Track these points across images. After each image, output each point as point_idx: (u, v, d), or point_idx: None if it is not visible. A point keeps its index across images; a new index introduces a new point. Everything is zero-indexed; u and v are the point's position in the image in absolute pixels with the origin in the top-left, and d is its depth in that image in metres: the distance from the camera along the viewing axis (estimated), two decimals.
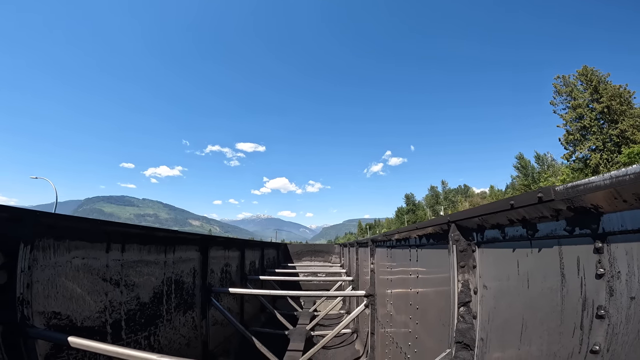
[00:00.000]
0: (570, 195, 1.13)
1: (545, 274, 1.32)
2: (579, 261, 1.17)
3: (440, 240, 2.33)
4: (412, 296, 3.00)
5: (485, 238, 1.78)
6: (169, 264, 4.04)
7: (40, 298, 2.34)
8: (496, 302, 1.67)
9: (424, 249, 2.76)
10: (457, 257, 1.93)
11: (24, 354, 2.12)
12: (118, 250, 3.14)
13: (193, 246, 4.78)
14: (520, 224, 1.46)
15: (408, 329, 3.07)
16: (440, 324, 2.23)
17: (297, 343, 5.65)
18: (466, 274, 1.90)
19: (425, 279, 2.73)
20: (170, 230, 3.92)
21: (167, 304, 3.94)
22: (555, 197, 1.18)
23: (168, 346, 3.89)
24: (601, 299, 1.08)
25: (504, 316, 1.60)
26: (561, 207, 1.20)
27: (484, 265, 1.80)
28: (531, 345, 1.38)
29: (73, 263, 2.62)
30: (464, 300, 1.88)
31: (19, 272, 2.14)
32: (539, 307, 1.35)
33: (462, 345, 1.86)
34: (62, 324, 2.50)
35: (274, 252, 11.42)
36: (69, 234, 2.60)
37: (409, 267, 3.11)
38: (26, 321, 2.16)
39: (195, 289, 4.74)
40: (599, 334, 1.07)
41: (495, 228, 1.67)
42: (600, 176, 1.02)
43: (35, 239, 2.31)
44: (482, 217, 1.69)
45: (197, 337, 4.66)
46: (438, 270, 2.37)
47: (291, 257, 12.93)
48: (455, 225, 1.97)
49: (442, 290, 2.24)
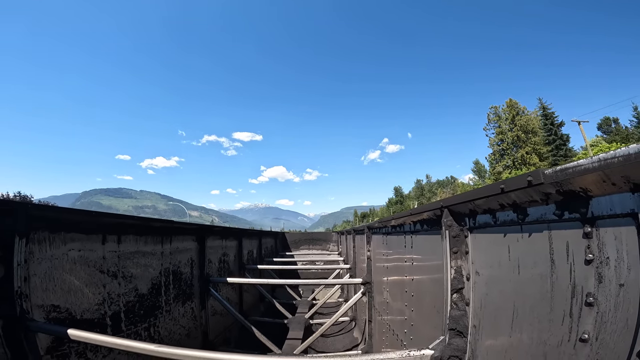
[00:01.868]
0: (559, 178, 1.11)
1: (536, 260, 1.31)
2: (569, 246, 1.16)
3: (434, 226, 2.31)
4: (407, 283, 3.02)
5: (477, 223, 1.76)
6: (166, 254, 4.04)
7: (39, 291, 2.34)
8: (488, 289, 1.66)
9: (418, 235, 2.75)
10: (449, 243, 1.92)
11: (26, 348, 2.12)
12: (114, 241, 3.13)
13: (190, 236, 4.78)
14: (511, 209, 1.45)
15: (404, 316, 3.09)
16: (435, 311, 2.24)
17: (296, 332, 5.71)
18: (459, 260, 1.89)
19: (419, 266, 2.73)
20: (166, 220, 3.92)
21: (165, 294, 3.96)
22: (545, 180, 1.16)
23: (168, 337, 3.93)
24: (590, 285, 1.07)
25: (495, 303, 1.60)
26: (550, 190, 1.18)
27: (476, 251, 1.79)
28: (522, 332, 1.38)
29: (69, 255, 2.61)
30: (456, 287, 1.88)
31: (16, 265, 2.14)
32: (529, 293, 1.34)
33: (456, 332, 1.86)
34: (62, 317, 2.51)
35: (271, 241, 11.43)
36: (64, 226, 2.59)
37: (404, 254, 3.11)
38: (26, 315, 2.17)
39: (193, 280, 4.76)
40: (588, 322, 1.06)
41: (487, 213, 1.65)
42: (589, 159, 1.00)
43: (30, 232, 2.29)
44: (474, 201, 1.68)
45: (197, 328, 4.70)
46: (432, 257, 2.37)
47: (289, 246, 12.94)
48: (448, 210, 1.95)
49: (435, 276, 2.24)
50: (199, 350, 2.04)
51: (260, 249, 9.36)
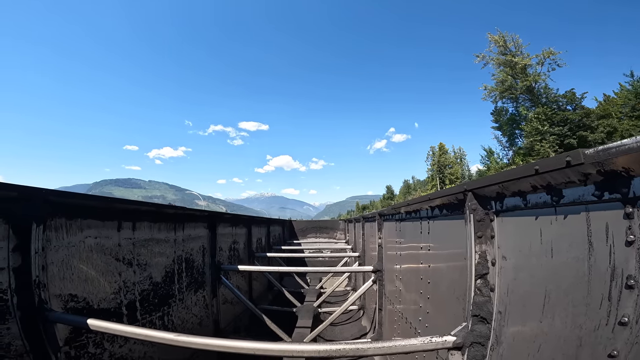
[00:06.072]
0: (600, 158, 1.07)
1: (571, 242, 1.27)
2: (608, 228, 1.12)
3: (455, 211, 2.27)
4: (423, 270, 2.99)
5: (504, 206, 1.72)
6: (178, 242, 4.04)
7: (56, 280, 2.31)
8: (516, 274, 1.63)
9: (436, 220, 2.70)
10: (474, 227, 1.88)
11: (45, 339, 2.09)
12: (129, 228, 3.11)
13: (202, 223, 4.79)
14: (544, 190, 1.40)
15: (419, 304, 3.08)
16: (454, 298, 2.22)
17: (305, 320, 5.76)
18: (483, 244, 1.85)
19: (438, 252, 2.70)
20: (178, 207, 3.92)
21: (178, 283, 3.98)
22: (585, 160, 1.12)
23: (181, 326, 3.95)
24: (631, 268, 1.03)
25: (524, 288, 1.56)
26: (590, 170, 1.14)
27: (502, 235, 1.75)
28: (554, 317, 1.34)
29: (86, 243, 2.60)
30: (481, 272, 1.85)
31: (33, 253, 2.11)
32: (563, 277, 1.31)
33: (479, 319, 1.83)
34: (80, 307, 2.49)
35: (279, 229, 11.43)
36: (80, 213, 2.56)
37: (420, 240, 3.07)
38: (44, 305, 2.14)
39: (205, 267, 4.78)
40: (628, 304, 1.02)
41: (516, 195, 1.61)
42: (633, 138, 0.97)
43: (47, 219, 2.26)
44: (502, 184, 1.63)
45: (208, 316, 4.74)
46: (452, 242, 2.34)
47: (296, 234, 12.93)
48: (472, 193, 1.91)
49: (456, 262, 2.21)
50: (215, 339, 2.03)
51: (268, 237, 9.39)
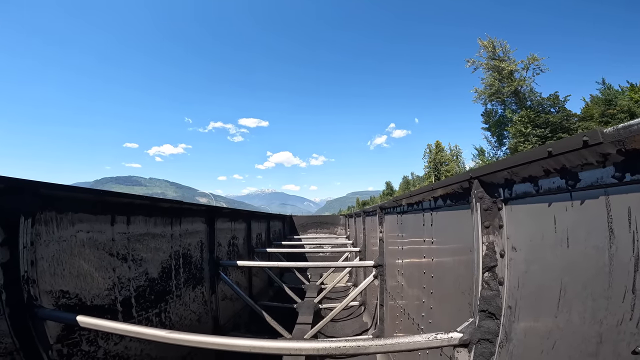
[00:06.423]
0: (621, 137, 0.96)
1: (589, 230, 1.16)
2: (631, 213, 1.01)
3: (460, 200, 2.16)
4: (426, 264, 2.89)
5: (514, 193, 1.61)
6: (175, 236, 3.96)
7: (47, 276, 2.24)
8: (527, 266, 1.52)
9: (439, 211, 2.60)
10: (481, 216, 1.77)
11: (34, 337, 2.03)
12: (123, 222, 3.03)
13: (199, 217, 4.70)
14: (558, 174, 1.29)
15: (421, 300, 2.99)
16: (460, 293, 2.12)
17: (305, 316, 5.71)
18: (491, 235, 1.74)
19: (442, 245, 2.60)
20: (174, 200, 3.83)
21: (176, 279, 3.90)
22: (604, 139, 1.01)
23: (179, 322, 3.89)
24: None
25: (537, 281, 1.46)
26: (610, 150, 1.03)
27: (512, 224, 1.64)
28: (571, 312, 1.24)
29: (78, 237, 2.51)
30: (488, 264, 1.74)
31: (22, 248, 2.03)
32: (581, 268, 1.20)
33: (487, 314, 1.72)
34: (72, 304, 2.42)
35: (279, 224, 11.32)
36: (72, 206, 2.48)
37: (423, 233, 2.97)
38: (33, 301, 2.07)
39: (203, 263, 4.70)
40: None
41: (526, 181, 1.50)
42: None
43: (37, 212, 2.18)
44: (511, 169, 1.52)
45: (207, 313, 4.67)
46: (457, 234, 2.24)
47: (297, 229, 12.79)
48: (478, 181, 1.79)
49: (462, 255, 2.11)
50: (211, 336, 1.97)
51: (268, 232, 9.31)
